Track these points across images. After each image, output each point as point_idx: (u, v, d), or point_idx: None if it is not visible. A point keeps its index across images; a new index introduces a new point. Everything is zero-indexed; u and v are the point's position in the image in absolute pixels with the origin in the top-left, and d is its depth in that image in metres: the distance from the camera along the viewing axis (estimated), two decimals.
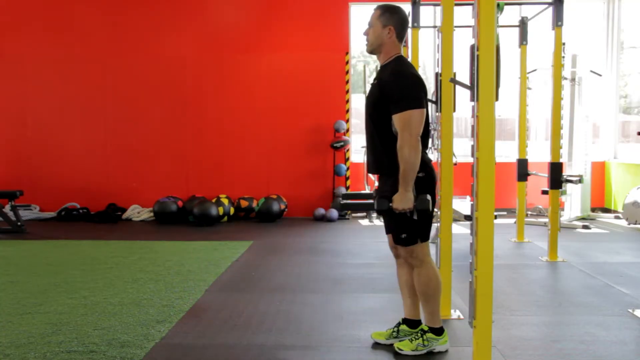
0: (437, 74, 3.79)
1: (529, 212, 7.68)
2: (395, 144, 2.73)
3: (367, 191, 7.82)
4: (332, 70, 7.95)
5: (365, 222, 7.58)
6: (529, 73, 6.08)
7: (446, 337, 2.98)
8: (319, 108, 7.99)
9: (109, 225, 7.40)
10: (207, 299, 3.99)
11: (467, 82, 2.59)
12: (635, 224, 6.76)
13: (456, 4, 3.52)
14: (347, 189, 8.04)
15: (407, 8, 5.06)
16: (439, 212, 3.57)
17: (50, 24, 8.07)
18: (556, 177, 5.10)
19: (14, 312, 3.68)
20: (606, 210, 8.00)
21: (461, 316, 3.54)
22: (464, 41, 3.40)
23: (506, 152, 8.30)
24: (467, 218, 5.87)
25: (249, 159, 8.05)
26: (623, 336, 3.22)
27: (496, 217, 2.66)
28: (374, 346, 3.08)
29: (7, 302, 3.91)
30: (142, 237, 6.45)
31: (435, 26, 6.02)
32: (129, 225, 7.44)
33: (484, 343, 2.48)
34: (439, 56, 3.63)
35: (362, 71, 8.26)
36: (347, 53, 7.95)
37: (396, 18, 2.84)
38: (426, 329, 2.95)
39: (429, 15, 5.95)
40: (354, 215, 7.92)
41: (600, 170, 8.07)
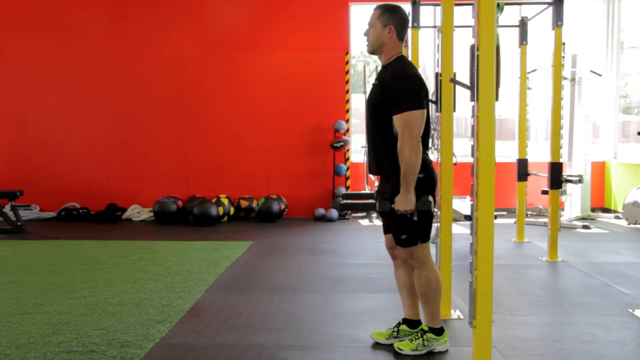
0: (437, 74, 3.79)
1: (529, 212, 7.69)
2: (396, 145, 2.73)
3: (367, 191, 7.82)
4: (332, 70, 7.94)
5: (365, 222, 7.58)
6: (529, 73, 6.08)
7: (446, 337, 2.98)
8: (319, 108, 7.99)
9: (109, 225, 7.40)
10: (207, 299, 3.99)
11: (467, 82, 2.59)
12: (635, 224, 6.76)
13: (456, 4, 3.52)
14: (347, 189, 8.04)
15: (407, 8, 5.06)
16: (439, 212, 3.57)
17: (50, 24, 8.07)
18: (556, 177, 5.10)
19: (14, 312, 3.68)
20: (606, 210, 8.00)
21: (461, 316, 3.54)
22: (464, 41, 3.40)
23: (506, 152, 8.29)
24: (467, 218, 5.87)
25: (249, 159, 8.05)
26: (623, 336, 3.22)
27: (496, 217, 2.67)
28: (374, 346, 3.08)
29: (7, 302, 3.91)
30: (142, 237, 6.45)
31: (435, 26, 6.02)
32: (129, 225, 7.44)
33: (484, 343, 2.48)
34: (439, 56, 3.63)
35: (362, 71, 8.26)
36: (347, 53, 7.95)
37: (396, 17, 2.84)
38: (426, 329, 2.95)
39: (429, 15, 5.95)
40: (354, 215, 7.92)
41: (600, 170, 8.07)
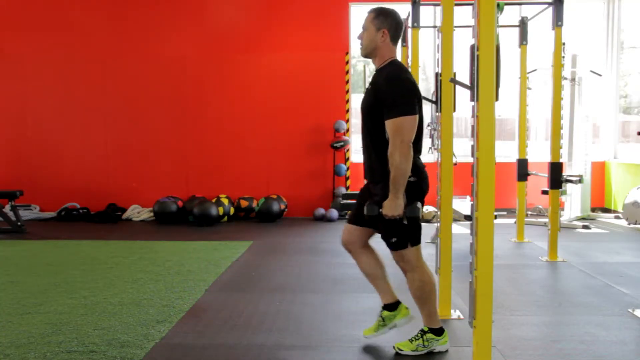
0: (437, 74, 3.79)
1: (529, 212, 7.69)
2: (387, 150, 2.72)
3: None
4: (332, 70, 7.94)
5: None
6: (529, 73, 6.08)
7: (446, 337, 2.98)
8: (319, 108, 7.99)
9: (109, 225, 7.40)
10: (207, 299, 3.99)
11: (467, 82, 2.59)
12: (635, 224, 6.76)
13: (456, 4, 3.52)
14: (347, 189, 8.04)
15: (407, 8, 5.06)
16: (439, 212, 3.57)
17: (50, 24, 8.07)
18: (556, 177, 5.10)
19: (14, 312, 3.68)
20: (606, 210, 8.00)
21: (461, 316, 3.54)
22: (464, 41, 3.40)
23: (506, 152, 8.29)
24: (467, 218, 5.87)
25: (249, 159, 8.05)
26: (623, 336, 3.22)
27: (496, 217, 2.66)
28: (373, 346, 3.08)
29: (7, 302, 3.91)
30: (142, 237, 6.45)
31: (435, 26, 6.02)
32: (129, 225, 7.44)
33: (484, 343, 2.48)
34: (439, 56, 3.63)
35: (362, 71, 8.26)
36: (347, 53, 7.95)
37: (390, 21, 2.83)
38: (426, 329, 2.95)
39: (429, 15, 5.96)
40: None
41: (600, 170, 8.07)
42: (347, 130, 8.00)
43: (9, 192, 6.96)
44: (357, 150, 8.34)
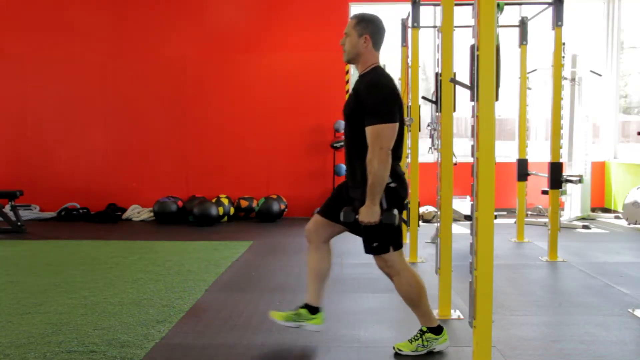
0: (437, 74, 3.79)
1: (529, 212, 7.68)
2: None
3: None
4: (332, 70, 7.94)
5: None
6: (529, 73, 6.08)
7: (445, 336, 2.98)
8: (319, 108, 7.99)
9: (109, 225, 7.40)
10: (207, 299, 3.99)
11: (467, 82, 2.59)
12: (635, 224, 6.76)
13: (456, 4, 3.52)
14: None
15: (407, 8, 5.07)
16: (439, 212, 3.57)
17: (50, 24, 8.06)
18: (556, 177, 5.10)
19: (14, 312, 3.68)
20: (606, 210, 8.00)
21: (461, 316, 3.54)
22: (464, 41, 3.40)
23: (506, 152, 8.29)
24: (467, 218, 5.87)
25: (249, 159, 8.05)
26: (623, 336, 3.22)
27: (496, 217, 2.66)
28: (373, 346, 3.08)
29: (7, 302, 3.91)
30: (142, 237, 6.45)
31: (435, 26, 6.02)
32: (129, 225, 7.44)
33: (484, 343, 2.48)
34: (439, 56, 3.63)
35: None
36: None
37: (372, 27, 2.85)
38: (425, 329, 2.95)
39: (429, 15, 5.96)
40: None
41: (600, 170, 8.07)
42: None
43: (9, 192, 6.96)
44: None
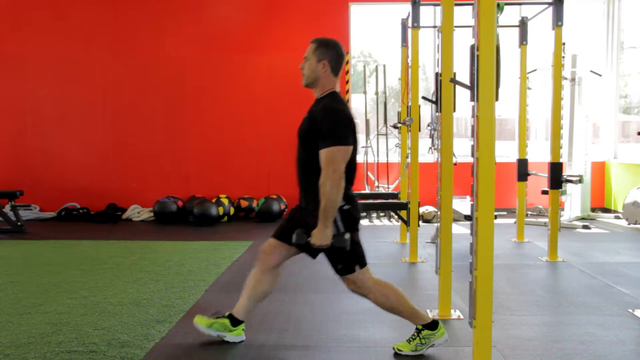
0: (437, 74, 3.79)
1: (529, 212, 7.68)
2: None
3: (367, 191, 7.83)
4: None
5: (365, 222, 7.58)
6: (529, 73, 6.08)
7: (442, 329, 2.96)
8: None
9: (109, 225, 7.40)
10: (207, 299, 3.99)
11: (467, 82, 2.59)
12: (635, 224, 6.75)
13: (456, 4, 3.52)
14: None
15: (407, 8, 5.07)
16: (439, 212, 3.57)
17: (51, 24, 8.06)
18: (556, 177, 5.10)
19: (14, 312, 3.68)
20: (606, 210, 8.00)
21: (461, 316, 3.54)
22: (464, 41, 3.40)
23: (506, 152, 8.29)
24: (467, 218, 5.87)
25: (249, 159, 8.05)
26: (623, 336, 3.22)
27: (496, 217, 2.66)
28: (373, 346, 3.08)
29: (7, 302, 3.91)
30: (142, 237, 6.45)
31: (435, 26, 6.02)
32: (129, 225, 7.44)
33: (484, 343, 2.48)
34: (439, 56, 3.63)
35: (362, 71, 8.26)
36: (347, 53, 7.95)
37: (331, 52, 2.88)
38: (420, 327, 2.94)
39: (429, 15, 5.95)
40: None
41: (600, 170, 8.07)
42: None
43: (9, 192, 6.96)
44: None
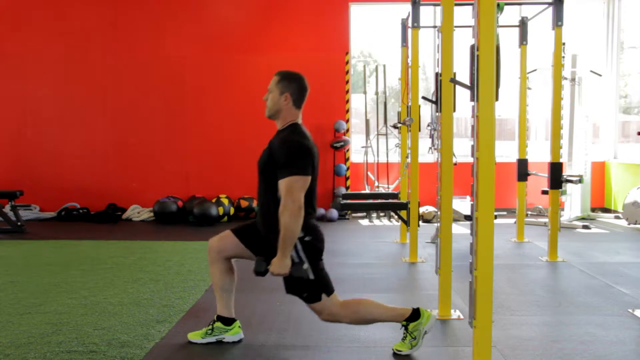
0: (437, 74, 3.79)
1: (529, 212, 7.68)
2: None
3: (367, 191, 7.83)
4: (332, 70, 7.94)
5: (365, 222, 7.58)
6: (529, 73, 6.08)
7: (426, 313, 2.93)
8: (319, 108, 7.97)
9: (109, 225, 7.40)
10: (207, 299, 3.99)
11: (467, 82, 2.59)
12: (635, 224, 6.75)
13: (456, 4, 3.52)
14: (347, 189, 8.04)
15: (407, 8, 5.07)
16: (439, 212, 3.57)
17: (51, 24, 8.06)
18: (556, 177, 5.10)
19: (14, 312, 3.68)
20: (606, 210, 8.00)
21: (461, 316, 3.54)
22: (464, 41, 3.40)
23: (506, 152, 8.29)
24: (467, 218, 5.87)
25: (249, 159, 7.99)
26: (623, 336, 3.22)
27: (496, 217, 2.67)
28: (373, 346, 3.08)
29: (7, 302, 3.91)
30: (142, 237, 6.45)
31: (435, 26, 6.02)
32: (129, 225, 7.44)
33: (484, 343, 2.48)
34: (439, 56, 3.63)
35: (362, 71, 8.27)
36: (347, 53, 7.95)
37: (294, 86, 2.93)
38: (404, 323, 2.94)
39: (429, 15, 5.95)
40: (354, 215, 7.92)
41: (600, 170, 8.07)
42: (347, 130, 8.00)
43: (9, 192, 6.96)
44: (357, 150, 8.34)
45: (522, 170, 5.95)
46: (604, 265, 4.94)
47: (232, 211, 7.60)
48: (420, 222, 5.40)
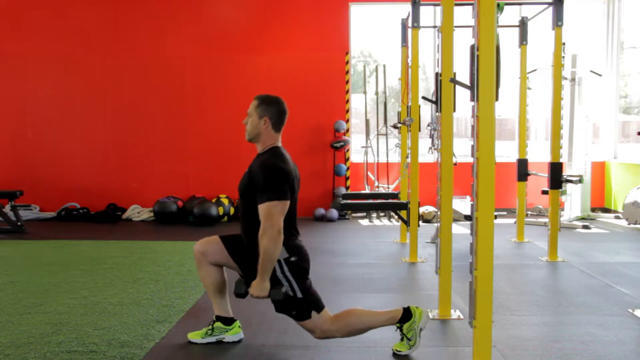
0: (437, 74, 3.79)
1: (529, 212, 7.68)
2: None
3: (367, 191, 7.83)
4: (332, 70, 7.94)
5: (365, 222, 7.58)
6: (529, 73, 6.08)
7: (418, 310, 2.92)
8: (319, 108, 7.99)
9: (109, 225, 7.40)
10: (207, 299, 3.97)
11: (467, 82, 2.59)
12: (635, 224, 6.75)
13: (456, 4, 3.52)
14: (347, 189, 8.04)
15: (407, 8, 5.07)
16: (439, 212, 3.57)
17: (51, 24, 8.06)
18: (556, 177, 5.10)
19: (14, 312, 3.68)
20: (606, 210, 8.00)
21: (461, 316, 3.54)
22: (464, 41, 3.41)
23: (506, 152, 8.29)
24: (467, 218, 5.87)
25: (249, 159, 7.99)
26: (623, 336, 3.22)
27: (496, 217, 2.66)
28: (373, 346, 3.08)
29: (7, 302, 3.91)
30: (142, 237, 6.45)
31: (435, 26, 6.02)
32: (129, 225, 7.44)
33: (484, 343, 2.48)
34: (439, 56, 3.63)
35: (362, 71, 8.27)
36: (347, 53, 7.95)
37: (272, 110, 2.96)
38: (398, 325, 2.93)
39: (429, 15, 5.95)
40: (354, 215, 7.92)
41: (600, 170, 8.07)
42: (347, 130, 8.00)
43: (9, 192, 6.96)
44: (357, 150, 8.34)
45: (522, 170, 5.95)
46: (604, 265, 4.94)
47: (232, 211, 7.60)
48: (420, 222, 5.40)
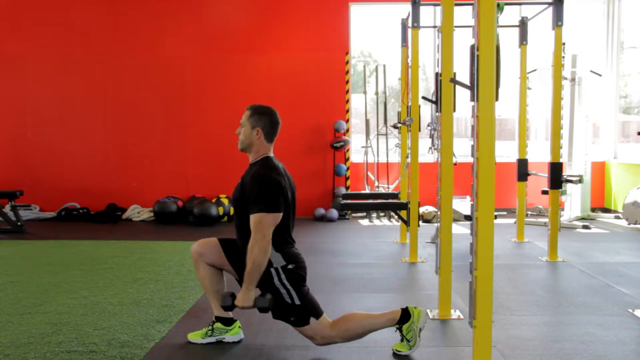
0: (437, 74, 3.79)
1: (529, 212, 7.68)
2: None
3: (367, 191, 7.83)
4: (332, 70, 7.94)
5: (365, 222, 7.58)
6: (529, 73, 6.07)
7: (416, 310, 2.92)
8: (319, 108, 7.99)
9: (109, 225, 7.40)
10: (207, 299, 3.98)
11: (467, 82, 2.59)
12: (635, 224, 6.75)
13: (456, 4, 3.52)
14: (347, 189, 8.04)
15: (407, 8, 5.07)
16: (439, 212, 3.57)
17: (51, 24, 8.06)
18: (556, 177, 5.10)
19: (14, 312, 3.68)
20: (606, 210, 8.00)
21: (461, 316, 3.54)
22: (464, 41, 3.40)
23: (506, 152, 8.29)
24: (467, 218, 5.87)
25: (249, 159, 8.03)
26: (623, 336, 3.22)
27: (496, 217, 2.66)
28: (373, 346, 3.08)
29: (7, 302, 3.91)
30: (142, 237, 6.45)
31: (435, 26, 6.02)
32: (129, 225, 7.44)
33: (484, 343, 2.48)
34: (439, 56, 3.63)
35: (362, 71, 8.26)
36: (347, 53, 7.95)
37: (265, 120, 2.97)
38: (397, 326, 2.94)
39: (429, 15, 5.95)
40: (354, 215, 7.92)
41: (600, 170, 8.07)
42: (347, 130, 8.00)
43: (9, 192, 6.96)
44: (357, 150, 8.35)
45: (522, 170, 5.95)
46: (604, 265, 4.94)
47: (232, 211, 7.60)
48: (420, 222, 5.40)
